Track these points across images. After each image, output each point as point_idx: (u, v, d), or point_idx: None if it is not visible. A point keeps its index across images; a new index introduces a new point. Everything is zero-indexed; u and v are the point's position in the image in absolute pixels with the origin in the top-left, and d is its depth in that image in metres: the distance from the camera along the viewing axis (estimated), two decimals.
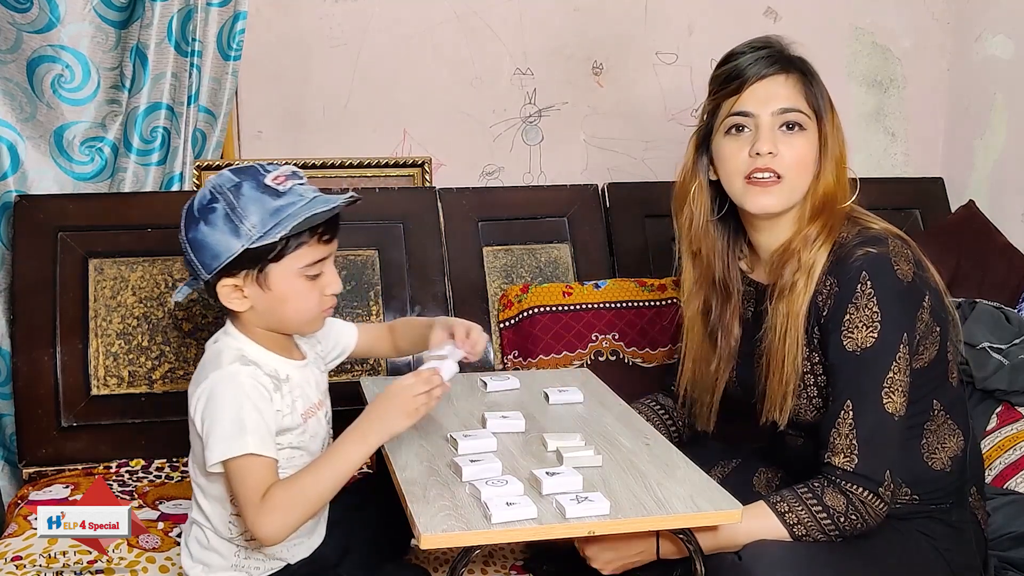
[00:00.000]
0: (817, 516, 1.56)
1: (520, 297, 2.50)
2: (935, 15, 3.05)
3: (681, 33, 2.90)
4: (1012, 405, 2.30)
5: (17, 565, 1.85)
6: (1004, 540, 1.92)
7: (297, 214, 1.46)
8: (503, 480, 1.48)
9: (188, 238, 1.50)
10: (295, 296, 1.52)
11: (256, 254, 1.48)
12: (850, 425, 1.58)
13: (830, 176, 1.68)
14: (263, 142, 2.73)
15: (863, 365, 1.59)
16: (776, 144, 1.65)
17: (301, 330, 1.61)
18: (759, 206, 1.67)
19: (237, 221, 1.47)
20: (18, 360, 2.30)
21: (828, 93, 1.72)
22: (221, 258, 1.48)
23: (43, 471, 2.27)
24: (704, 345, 1.82)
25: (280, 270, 1.50)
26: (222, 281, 1.51)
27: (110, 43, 2.45)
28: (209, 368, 1.52)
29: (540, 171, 2.91)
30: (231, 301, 1.52)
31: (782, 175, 1.65)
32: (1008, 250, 2.70)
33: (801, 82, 1.68)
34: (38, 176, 2.45)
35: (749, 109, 1.67)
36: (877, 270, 1.59)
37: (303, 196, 1.49)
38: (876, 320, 1.58)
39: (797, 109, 1.66)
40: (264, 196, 1.47)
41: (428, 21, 2.77)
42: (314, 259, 1.52)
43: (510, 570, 1.91)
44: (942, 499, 1.69)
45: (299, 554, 1.62)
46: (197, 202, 1.51)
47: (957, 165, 3.04)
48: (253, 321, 1.55)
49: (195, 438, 1.54)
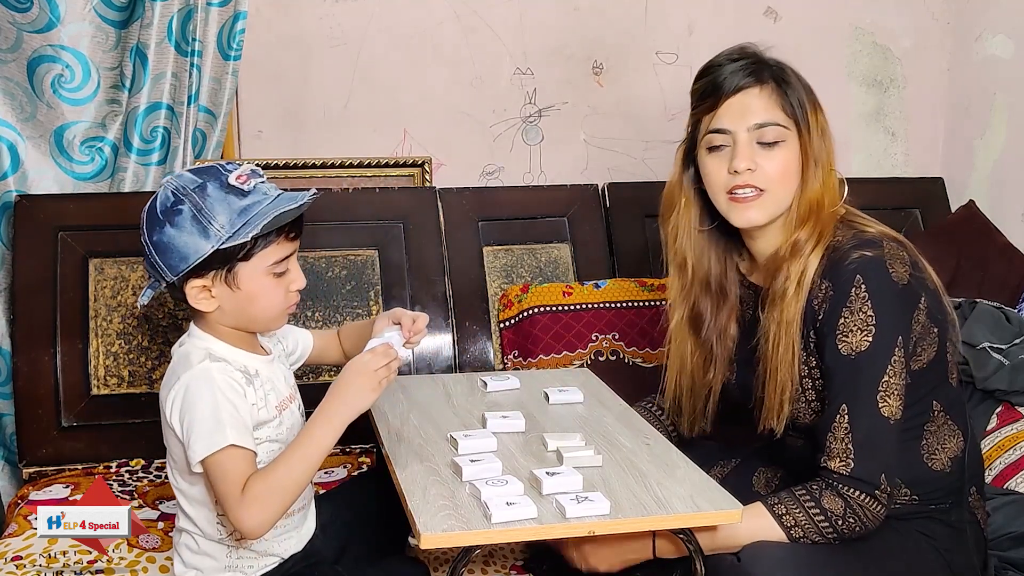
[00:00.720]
0: (815, 519, 1.56)
1: (520, 297, 2.50)
2: (935, 15, 3.05)
3: (681, 33, 2.90)
4: (1012, 405, 2.30)
5: (17, 565, 1.85)
6: (1004, 540, 1.92)
7: (265, 213, 1.47)
8: (503, 480, 1.48)
9: (152, 241, 1.50)
10: (263, 294, 1.53)
11: (225, 254, 1.49)
12: (845, 429, 1.58)
13: (816, 182, 1.66)
14: (263, 142, 2.73)
15: (858, 369, 1.59)
16: (755, 159, 1.64)
17: (267, 327, 1.62)
18: (744, 220, 1.68)
19: (205, 222, 1.47)
20: (18, 360, 2.30)
21: (810, 96, 1.68)
22: (190, 260, 1.48)
23: (43, 471, 2.27)
24: (695, 353, 1.82)
25: (249, 269, 1.51)
26: (190, 283, 1.51)
27: (110, 43, 2.45)
28: (179, 370, 1.52)
29: (540, 171, 2.91)
30: (199, 302, 1.53)
31: (764, 189, 1.65)
32: (1008, 250, 2.70)
33: (776, 92, 1.66)
34: (38, 176, 2.45)
35: (725, 126, 1.66)
36: (871, 273, 1.58)
37: (267, 194, 1.50)
38: (871, 324, 1.57)
39: (773, 122, 1.65)
40: (230, 196, 1.48)
41: (428, 21, 2.77)
42: (281, 256, 1.53)
43: (510, 570, 1.91)
44: (942, 499, 1.69)
45: (291, 548, 1.62)
46: (160, 204, 1.50)
47: (957, 165, 3.04)
48: (219, 320, 1.56)
49: (173, 442, 1.53)
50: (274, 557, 1.61)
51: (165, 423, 1.53)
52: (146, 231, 1.51)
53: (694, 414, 1.85)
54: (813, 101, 1.69)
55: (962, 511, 1.71)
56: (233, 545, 1.58)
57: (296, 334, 1.78)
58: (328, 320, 2.44)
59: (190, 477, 1.54)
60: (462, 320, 2.53)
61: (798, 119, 1.66)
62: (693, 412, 1.85)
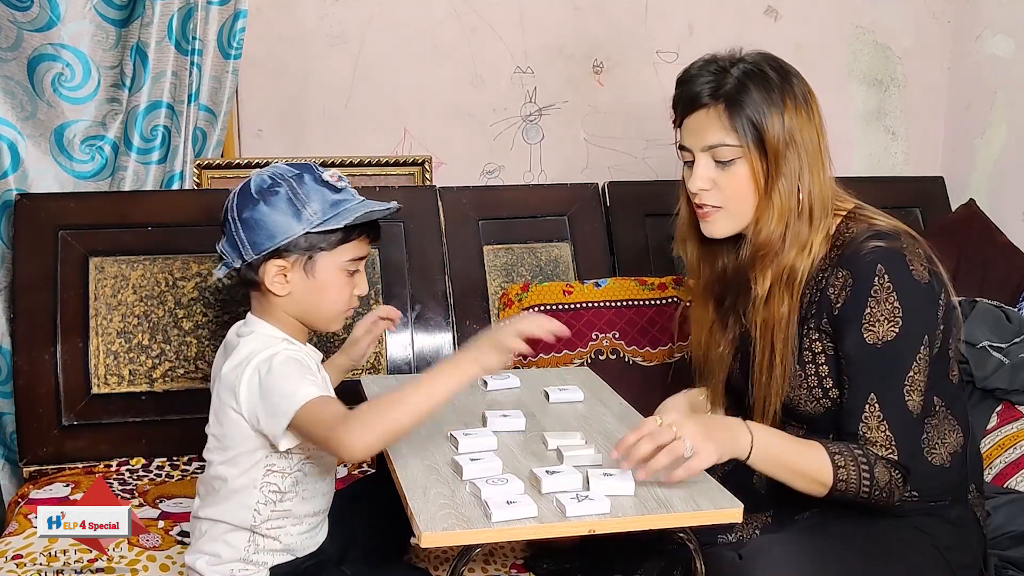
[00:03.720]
0: (863, 480, 1.57)
1: (520, 296, 2.50)
2: (935, 14, 3.05)
3: (682, 32, 2.90)
4: (1012, 404, 2.30)
5: (18, 563, 1.85)
6: (1004, 539, 1.92)
7: (355, 209, 1.56)
8: (503, 479, 1.48)
9: (242, 217, 1.55)
10: (334, 287, 1.59)
11: (312, 241, 1.55)
12: (879, 417, 1.59)
13: (781, 196, 1.64)
14: (263, 141, 2.73)
15: (885, 359, 1.59)
16: (709, 178, 1.67)
17: (327, 324, 1.64)
18: (709, 232, 1.71)
19: (300, 206, 1.54)
20: (18, 359, 2.30)
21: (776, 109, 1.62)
22: (277, 238, 1.54)
23: (43, 470, 2.27)
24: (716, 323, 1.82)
25: (328, 260, 1.57)
26: (271, 262, 1.55)
27: (110, 42, 2.45)
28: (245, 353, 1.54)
29: (540, 170, 2.91)
30: (274, 284, 1.57)
31: (720, 206, 1.68)
32: (1008, 249, 2.71)
33: (724, 113, 1.64)
34: (38, 175, 2.45)
35: (686, 144, 1.70)
36: (892, 265, 1.59)
37: (355, 196, 1.59)
38: (897, 316, 1.58)
39: (722, 143, 1.64)
40: (324, 189, 1.56)
41: (428, 19, 2.77)
42: (359, 255, 1.60)
43: (511, 568, 1.91)
44: (941, 496, 1.69)
45: (308, 546, 1.63)
46: (256, 184, 1.56)
47: (957, 164, 3.04)
48: (285, 308, 1.60)
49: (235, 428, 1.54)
50: (289, 554, 1.61)
51: (222, 408, 1.54)
52: (236, 208, 1.56)
53: (715, 394, 1.86)
54: (774, 115, 1.63)
55: (962, 508, 1.71)
56: (262, 534, 1.58)
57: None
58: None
59: (241, 462, 1.55)
60: (462, 319, 2.53)
61: (753, 136, 1.63)
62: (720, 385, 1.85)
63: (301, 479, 1.59)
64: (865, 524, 1.64)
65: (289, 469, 1.57)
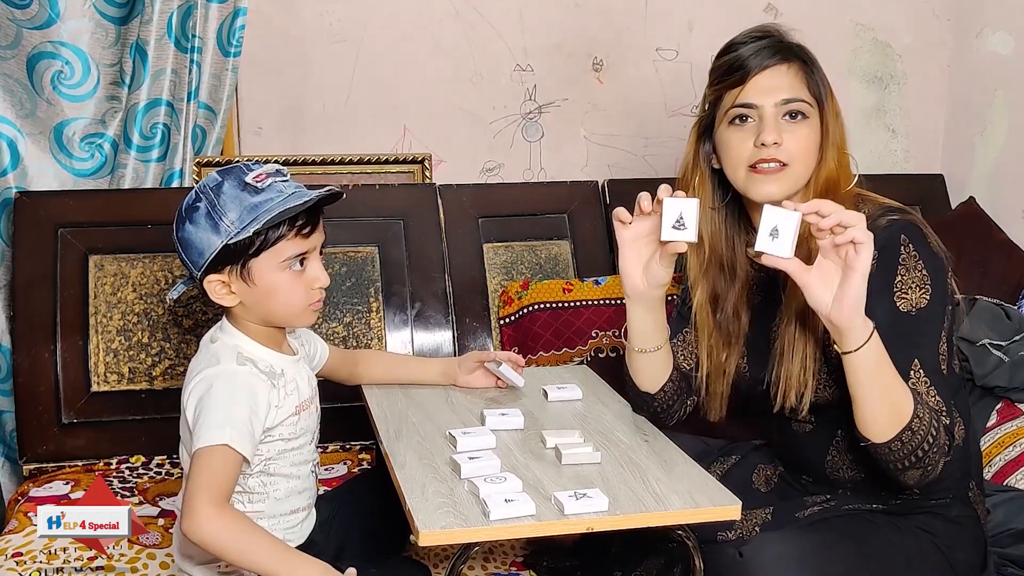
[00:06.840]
0: (931, 431, 1.53)
1: (520, 294, 2.50)
2: (935, 11, 3.05)
3: (681, 29, 2.90)
4: (1012, 402, 2.30)
5: (17, 561, 1.85)
6: (1004, 537, 1.92)
7: (272, 209, 1.50)
8: (501, 477, 1.48)
9: (177, 237, 1.56)
10: (280, 289, 1.56)
11: (236, 250, 1.52)
12: (926, 383, 1.57)
13: (832, 162, 1.69)
14: (263, 138, 2.73)
15: (920, 325, 1.59)
16: (780, 133, 1.66)
17: (291, 323, 1.63)
18: (763, 194, 1.67)
19: (217, 218, 1.51)
20: (18, 357, 2.30)
21: (827, 80, 1.73)
22: (205, 255, 1.53)
23: (43, 467, 2.27)
24: (714, 333, 1.82)
25: (261, 264, 1.54)
26: (208, 277, 1.55)
27: (110, 39, 2.45)
28: (205, 365, 1.55)
29: (540, 167, 2.91)
30: (220, 297, 1.56)
31: (787, 163, 1.67)
32: (1008, 247, 2.70)
33: (802, 71, 1.70)
34: (38, 172, 2.45)
35: (753, 100, 1.68)
36: (914, 235, 1.61)
37: (282, 192, 1.53)
38: (927, 283, 1.59)
39: (800, 99, 1.68)
40: (243, 193, 1.52)
41: (428, 17, 2.76)
42: (294, 253, 1.55)
43: (510, 566, 1.91)
44: (942, 494, 1.69)
45: (294, 540, 1.62)
46: (185, 202, 1.56)
47: (957, 162, 3.04)
48: (244, 316, 1.59)
49: (186, 431, 1.55)
50: None
51: (183, 411, 1.55)
52: (174, 229, 1.57)
53: (721, 398, 1.85)
54: (829, 87, 1.73)
55: (962, 506, 1.71)
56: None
57: (317, 343, 1.81)
58: (328, 317, 2.44)
59: None
60: (462, 317, 2.53)
61: (821, 98, 1.70)
62: (720, 395, 1.84)
63: (267, 480, 1.58)
64: (865, 522, 1.64)
65: (250, 471, 1.56)
